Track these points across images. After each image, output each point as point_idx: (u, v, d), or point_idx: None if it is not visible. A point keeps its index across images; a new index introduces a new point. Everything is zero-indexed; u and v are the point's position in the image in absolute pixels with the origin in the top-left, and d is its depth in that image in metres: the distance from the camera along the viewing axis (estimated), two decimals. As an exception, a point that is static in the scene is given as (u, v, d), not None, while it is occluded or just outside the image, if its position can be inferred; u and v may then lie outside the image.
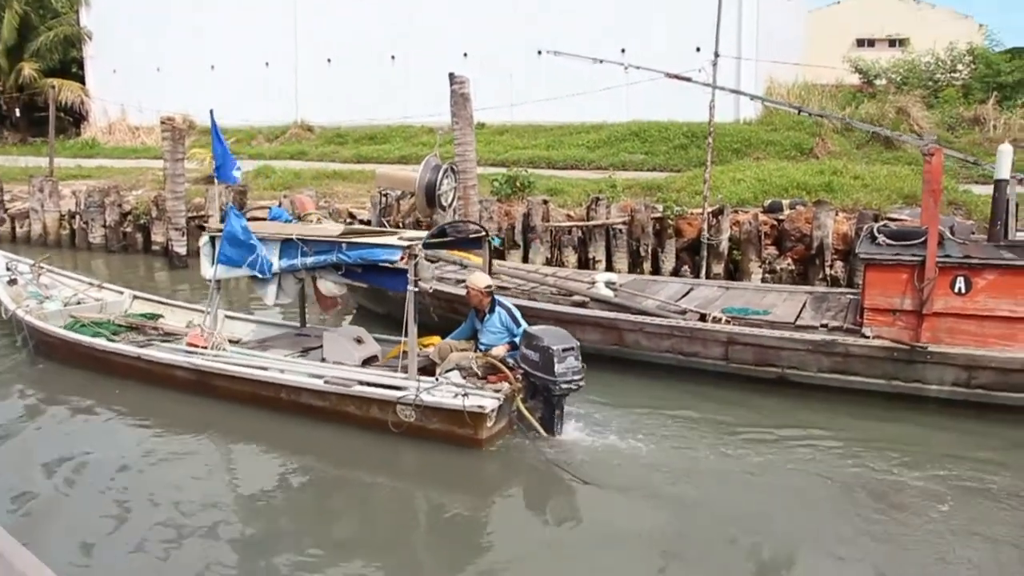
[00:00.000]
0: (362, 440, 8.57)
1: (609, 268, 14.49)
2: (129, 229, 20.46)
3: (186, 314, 11.87)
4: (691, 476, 7.85)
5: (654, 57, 15.79)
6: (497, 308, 9.17)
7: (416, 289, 8.55)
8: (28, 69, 33.55)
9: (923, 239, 9.06)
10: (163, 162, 19.11)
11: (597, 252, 14.88)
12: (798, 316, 10.41)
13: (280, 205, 17.97)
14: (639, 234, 14.62)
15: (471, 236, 10.04)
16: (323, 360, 9.68)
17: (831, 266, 13.49)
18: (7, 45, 33.96)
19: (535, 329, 8.65)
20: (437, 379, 8.59)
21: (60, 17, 36.38)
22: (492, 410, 8.11)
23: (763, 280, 13.73)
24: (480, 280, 9.25)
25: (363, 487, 8.04)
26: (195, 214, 19.32)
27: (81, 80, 35.52)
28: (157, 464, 8.19)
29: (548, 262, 15.05)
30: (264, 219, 11.42)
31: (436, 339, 9.59)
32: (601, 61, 12.33)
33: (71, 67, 36.19)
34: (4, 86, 34.34)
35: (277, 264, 9.41)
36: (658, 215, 14.73)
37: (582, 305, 11.16)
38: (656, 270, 14.54)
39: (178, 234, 18.41)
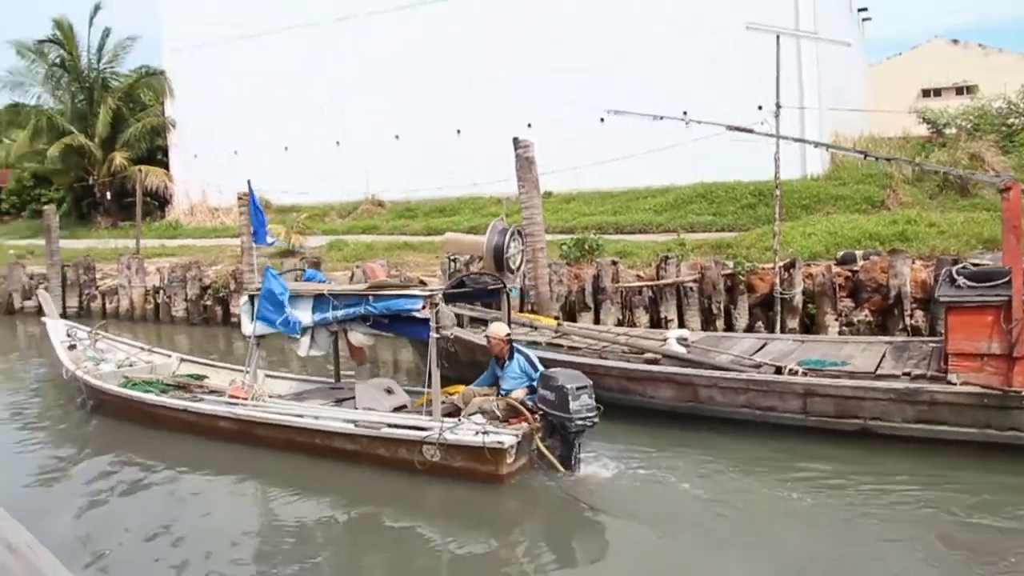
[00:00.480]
0: (391, 480, 8.96)
1: (681, 326, 14.29)
2: (209, 302, 20.97)
3: (229, 374, 12.55)
4: (749, 520, 7.71)
5: (716, 118, 15.79)
6: (516, 355, 9.75)
7: (437, 336, 9.16)
8: (119, 158, 35.17)
9: (1007, 279, 8.76)
10: (240, 237, 19.57)
11: (668, 311, 14.72)
12: (878, 365, 10.08)
13: (352, 276, 18.27)
14: (710, 291, 14.44)
15: (489, 288, 10.90)
16: (355, 408, 10.25)
17: (911, 315, 13.11)
18: (102, 138, 35.68)
19: (551, 371, 9.23)
20: (460, 420, 9.07)
21: (147, 109, 38.17)
22: (511, 446, 8.52)
23: (840, 333, 13.38)
24: (499, 329, 9.94)
25: (392, 525, 8.35)
26: (271, 287, 19.72)
27: (166, 166, 37.11)
28: (200, 507, 8.81)
29: (619, 323, 14.92)
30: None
31: (461, 387, 10.16)
32: (661, 118, 12.34)
33: (157, 154, 37.82)
34: (98, 174, 35.90)
35: (310, 318, 10.20)
36: (729, 271, 14.55)
37: (654, 362, 10.98)
38: (729, 327, 14.30)
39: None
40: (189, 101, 35.93)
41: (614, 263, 15.63)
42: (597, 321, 15.10)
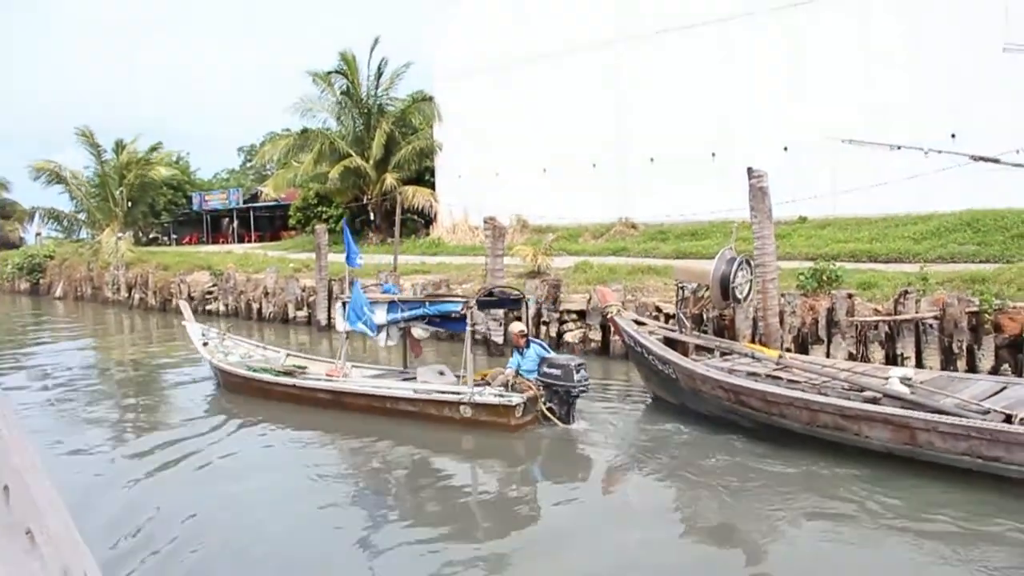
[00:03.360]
0: (438, 431, 12.52)
1: (919, 365, 13.54)
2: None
3: (324, 365, 16.09)
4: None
5: (992, 142, 14.74)
6: (532, 344, 13.28)
7: (471, 329, 13.04)
8: (390, 179, 37.82)
9: None
10: (484, 258, 20.46)
11: (906, 348, 13.97)
12: None
13: (589, 300, 18.66)
14: (951, 329, 13.57)
15: (512, 298, 14.45)
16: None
17: None
18: (376, 159, 38.58)
19: (554, 356, 13.07)
20: (484, 389, 12.63)
21: (418, 132, 40.78)
22: (518, 404, 12.16)
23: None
24: (516, 327, 13.60)
25: (439, 460, 11.61)
26: (513, 307, 20.46)
27: (432, 186, 39.34)
28: (302, 451, 12.20)
29: (852, 357, 14.33)
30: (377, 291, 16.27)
31: (492, 371, 13.75)
32: (899, 147, 11.78)
33: (424, 175, 40.28)
34: (371, 194, 38.66)
35: (384, 318, 13.81)
36: (974, 309, 13.61)
37: (873, 401, 10.53)
38: (972, 368, 13.37)
39: (496, 324, 19.47)
40: (456, 124, 37.90)
41: (850, 296, 15.01)
42: (828, 355, 14.60)
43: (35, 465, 1.98)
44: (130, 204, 48.20)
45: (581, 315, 19.26)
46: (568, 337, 19.26)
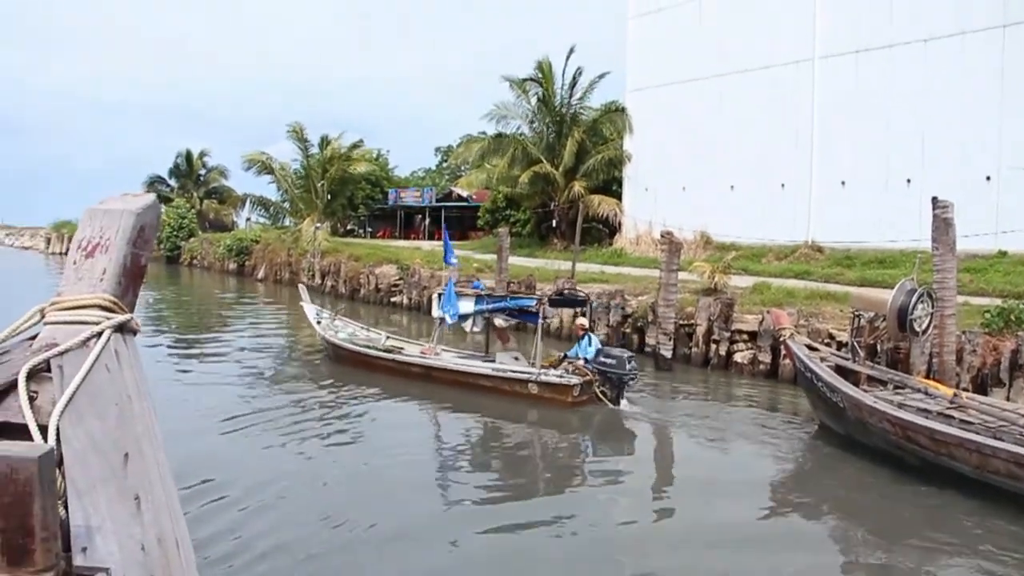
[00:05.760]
0: (510, 403, 15.19)
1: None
2: (628, 330, 21.99)
3: (417, 346, 18.73)
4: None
5: None
6: (589, 336, 16.06)
7: (543, 322, 16.22)
8: (578, 186, 38.49)
9: None
10: (659, 272, 20.52)
11: (1098, 399, 13.18)
12: None
13: (762, 321, 18.43)
14: None
15: (579, 299, 18.07)
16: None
17: None
18: (566, 167, 39.36)
19: (610, 348, 16.10)
20: (549, 371, 15.22)
21: (608, 143, 41.16)
22: (575, 384, 14.71)
23: None
24: (580, 321, 17.05)
25: (509, 427, 14.19)
26: (686, 322, 20.39)
27: (618, 196, 39.72)
28: (397, 414, 14.93)
29: (1036, 403, 13.61)
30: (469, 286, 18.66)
31: (556, 356, 16.30)
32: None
33: (612, 185, 40.66)
34: (559, 200, 39.44)
35: (472, 308, 16.64)
36: None
37: (1056, 451, 10.00)
38: None
39: (665, 338, 19.50)
40: (645, 136, 38.09)
41: (1038, 339, 14.28)
42: (1009, 399, 13.90)
43: (155, 435, 2.19)
44: (330, 196, 50.84)
45: (752, 336, 19.04)
46: (738, 357, 19.09)
